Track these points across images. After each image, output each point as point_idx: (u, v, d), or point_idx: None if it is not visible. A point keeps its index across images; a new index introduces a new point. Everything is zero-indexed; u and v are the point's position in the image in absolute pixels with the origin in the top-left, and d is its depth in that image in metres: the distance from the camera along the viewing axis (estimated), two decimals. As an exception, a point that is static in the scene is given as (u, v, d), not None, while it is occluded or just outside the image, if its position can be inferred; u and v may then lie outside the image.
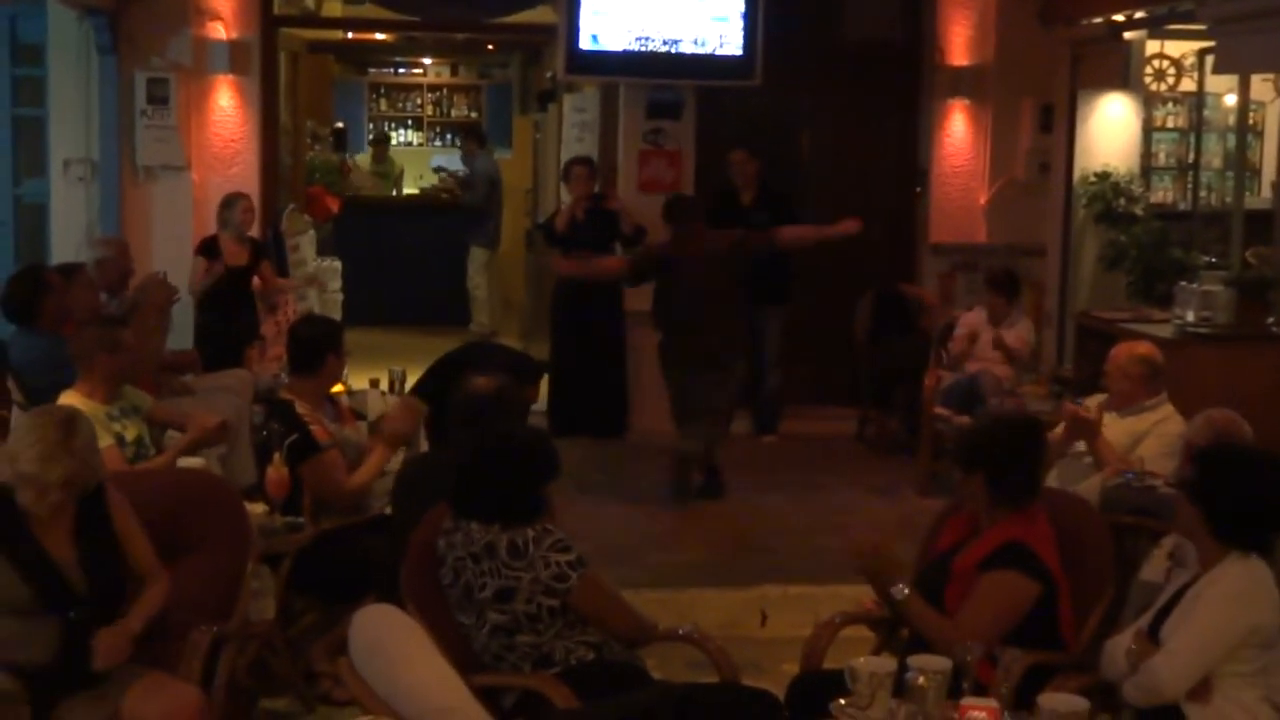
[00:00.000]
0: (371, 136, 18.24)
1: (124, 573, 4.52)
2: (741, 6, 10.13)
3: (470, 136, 15.09)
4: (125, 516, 4.57)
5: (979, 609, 4.48)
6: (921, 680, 3.77)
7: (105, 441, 5.64)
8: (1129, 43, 10.74)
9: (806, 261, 9.91)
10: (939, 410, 8.99)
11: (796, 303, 10.29)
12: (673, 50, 10.15)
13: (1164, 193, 12.38)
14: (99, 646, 4.31)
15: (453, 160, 18.13)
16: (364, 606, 4.02)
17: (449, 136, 19.29)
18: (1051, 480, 6.16)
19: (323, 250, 12.11)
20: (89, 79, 10.14)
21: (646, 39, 10.11)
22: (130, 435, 6.04)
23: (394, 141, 18.27)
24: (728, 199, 10.09)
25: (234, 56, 10.17)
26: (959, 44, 10.87)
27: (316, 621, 6.12)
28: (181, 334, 9.17)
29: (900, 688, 3.84)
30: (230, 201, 9.49)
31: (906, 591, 4.53)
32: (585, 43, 10.07)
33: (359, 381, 8.30)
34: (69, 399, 5.80)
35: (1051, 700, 3.80)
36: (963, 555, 4.65)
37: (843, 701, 3.87)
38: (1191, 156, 12.37)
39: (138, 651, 4.43)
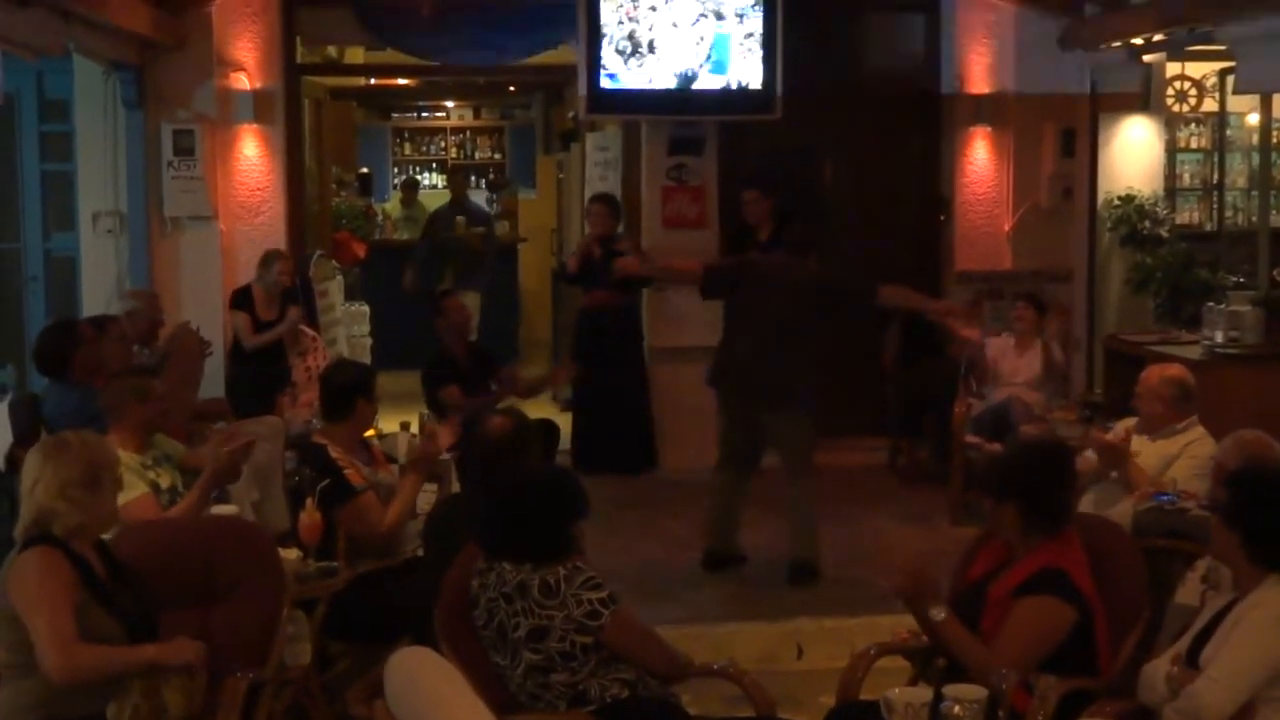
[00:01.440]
0: (400, 182, 18.26)
1: None
2: (760, 41, 10.17)
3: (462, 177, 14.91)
4: None
5: (1016, 635, 4.47)
6: (957, 709, 3.77)
7: (140, 490, 5.69)
8: (1149, 65, 10.74)
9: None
10: (969, 438, 8.98)
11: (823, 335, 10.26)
12: (693, 87, 10.20)
13: (1190, 213, 12.36)
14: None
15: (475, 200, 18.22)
16: (398, 650, 4.04)
17: (474, 178, 19.40)
18: (1086, 505, 6.15)
19: (351, 295, 12.18)
20: (115, 133, 10.24)
21: (667, 76, 10.16)
22: (164, 483, 6.06)
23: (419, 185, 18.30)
24: (745, 236, 10.11)
25: (258, 106, 10.26)
26: (979, 71, 10.89)
27: (352, 666, 6.13)
28: (213, 383, 9.23)
29: (936, 717, 3.83)
30: (269, 260, 9.56)
31: (944, 614, 4.52)
32: (606, 82, 10.11)
33: (389, 425, 8.33)
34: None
35: (1088, 727, 3.80)
36: (997, 583, 4.64)
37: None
38: (1216, 177, 12.36)
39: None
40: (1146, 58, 10.44)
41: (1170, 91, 11.62)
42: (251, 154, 10.36)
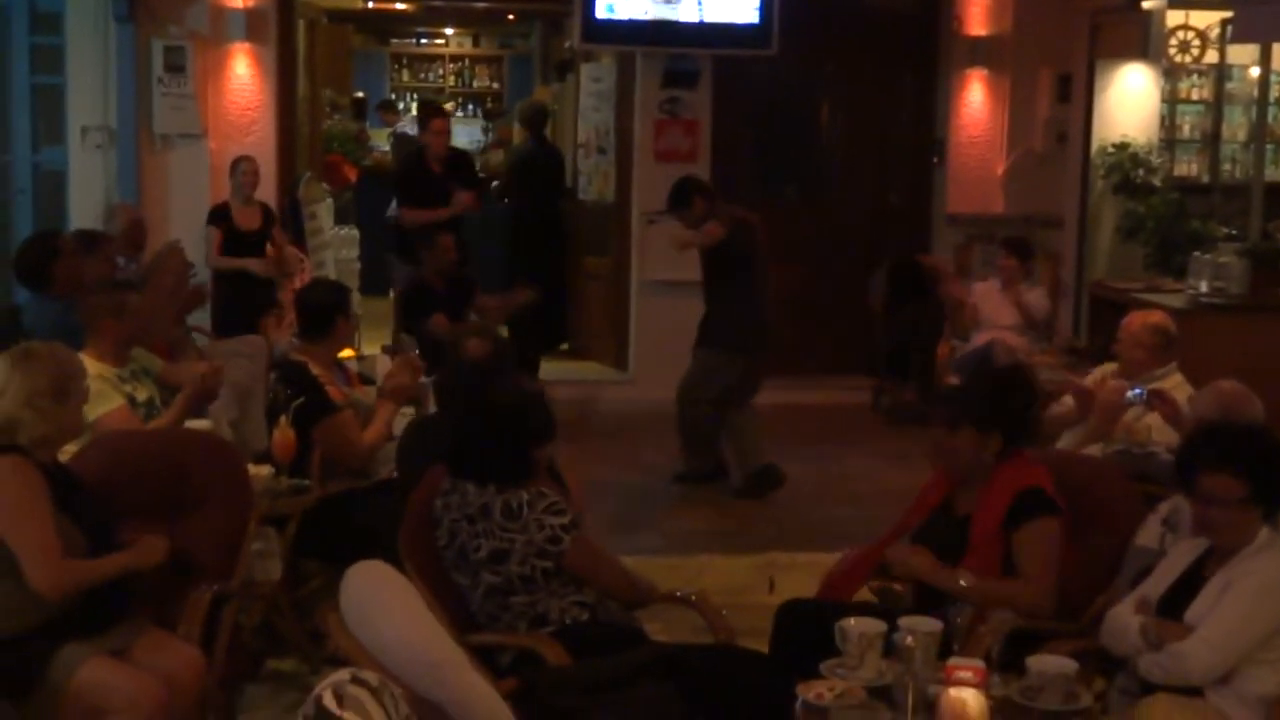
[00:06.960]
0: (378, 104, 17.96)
1: None
2: (758, -26, 10.12)
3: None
4: None
5: (1034, 565, 4.51)
6: (910, 641, 3.78)
7: (116, 402, 5.69)
8: (1148, 13, 10.67)
9: (820, 232, 9.89)
10: (952, 379, 8.98)
11: (812, 272, 10.28)
12: (688, 20, 10.14)
13: (1188, 165, 12.28)
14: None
15: (474, 132, 18.05)
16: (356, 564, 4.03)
17: (470, 107, 19.28)
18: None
19: (341, 219, 12.12)
20: (107, 47, 10.17)
21: (663, 7, 10.10)
22: (141, 396, 6.05)
23: (413, 113, 17.99)
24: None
25: (251, 24, 10.20)
26: (977, 13, 10.85)
27: (325, 584, 6.14)
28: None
29: (890, 648, 3.85)
30: (234, 164, 9.52)
31: (970, 580, 4.51)
32: (601, 12, 10.08)
33: (371, 348, 8.33)
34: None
35: (1040, 662, 3.81)
36: (977, 522, 4.61)
37: (832, 661, 3.89)
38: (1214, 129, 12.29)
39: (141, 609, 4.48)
40: (1146, 4, 10.37)
41: (1173, 41, 11.53)
42: (243, 73, 10.31)
